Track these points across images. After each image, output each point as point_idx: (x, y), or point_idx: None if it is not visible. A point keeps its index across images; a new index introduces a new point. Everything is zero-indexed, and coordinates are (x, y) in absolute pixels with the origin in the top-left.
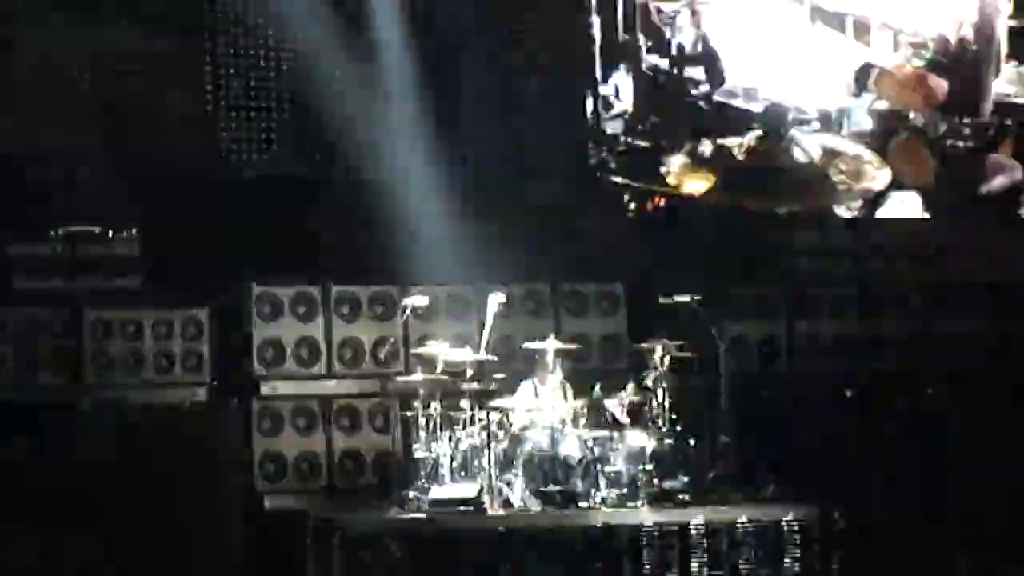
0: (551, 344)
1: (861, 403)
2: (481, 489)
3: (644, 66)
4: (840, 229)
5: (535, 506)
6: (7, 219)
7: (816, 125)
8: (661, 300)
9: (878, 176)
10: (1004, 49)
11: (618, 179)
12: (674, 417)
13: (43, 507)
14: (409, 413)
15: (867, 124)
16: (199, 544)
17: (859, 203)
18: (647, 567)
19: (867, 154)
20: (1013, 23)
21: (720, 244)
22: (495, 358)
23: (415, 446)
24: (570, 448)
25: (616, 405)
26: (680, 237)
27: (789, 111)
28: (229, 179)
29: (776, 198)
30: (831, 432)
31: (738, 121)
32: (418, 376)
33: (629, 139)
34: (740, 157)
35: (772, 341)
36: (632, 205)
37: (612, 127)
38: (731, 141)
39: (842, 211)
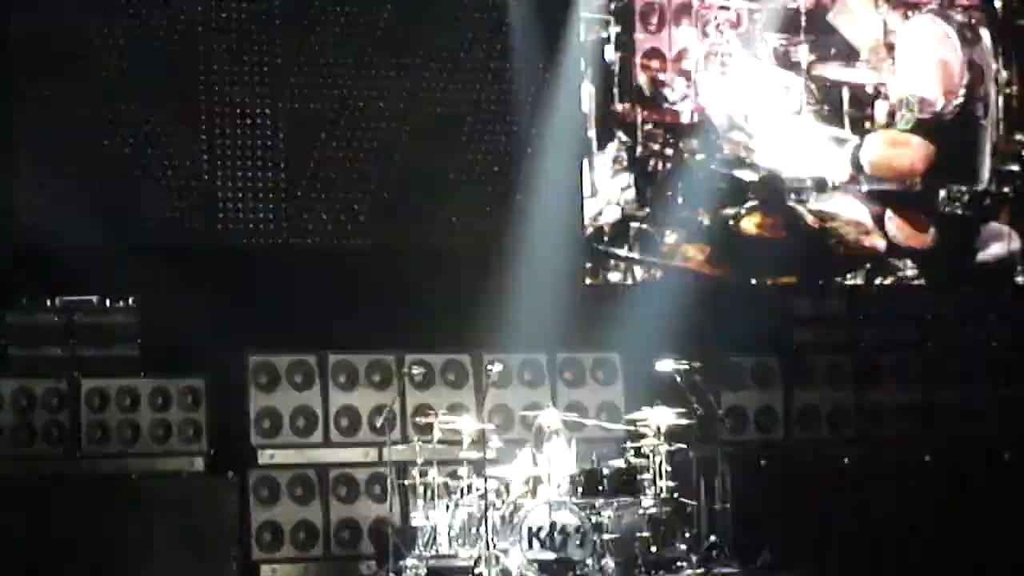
0: (549, 413)
1: (858, 472)
2: (479, 557)
3: (640, 134)
4: (838, 297)
5: (533, 574)
6: (3, 287)
7: (813, 194)
8: (658, 368)
9: (876, 243)
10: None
11: (615, 250)
12: (671, 485)
13: None
14: (407, 481)
15: (863, 191)
16: None
17: (857, 271)
18: None
19: (865, 219)
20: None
21: (718, 313)
22: (493, 427)
23: (412, 514)
24: (567, 516)
25: (614, 473)
26: (677, 307)
27: (785, 180)
28: (226, 249)
29: (774, 267)
30: (827, 501)
31: (735, 190)
32: (415, 444)
33: (625, 210)
34: (737, 227)
35: (769, 410)
36: (630, 275)
37: (608, 196)
38: (728, 211)
39: (840, 279)
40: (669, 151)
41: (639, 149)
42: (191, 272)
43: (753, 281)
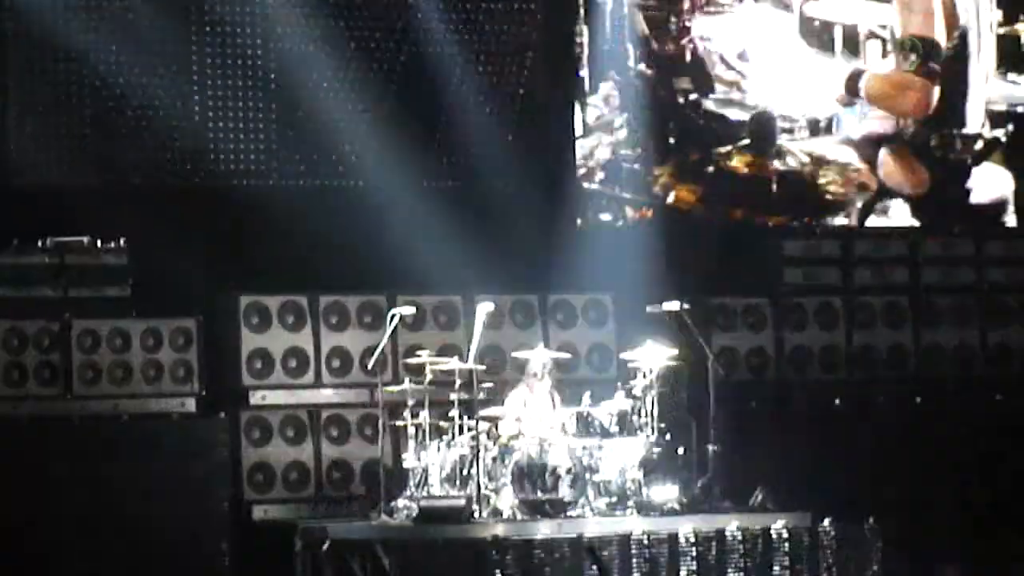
0: (540, 354)
1: (849, 412)
2: (470, 498)
3: (632, 75)
4: (829, 239)
5: (524, 515)
6: None
7: (804, 133)
8: (649, 309)
9: (868, 184)
10: (992, 56)
11: (606, 190)
12: (663, 426)
13: (30, 519)
14: (398, 423)
15: (857, 133)
16: (187, 555)
17: (848, 212)
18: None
19: (856, 162)
20: (1001, 31)
21: (708, 254)
22: (484, 368)
23: (404, 455)
24: (559, 457)
25: (604, 414)
26: (668, 247)
27: (777, 119)
28: (217, 189)
29: (764, 208)
30: (819, 441)
31: (726, 130)
32: (407, 386)
33: (616, 149)
34: (728, 166)
35: (760, 351)
36: (620, 215)
37: (599, 137)
38: (719, 151)
39: (831, 220)
40: (661, 91)
41: (631, 89)
42: (182, 213)
43: (744, 222)
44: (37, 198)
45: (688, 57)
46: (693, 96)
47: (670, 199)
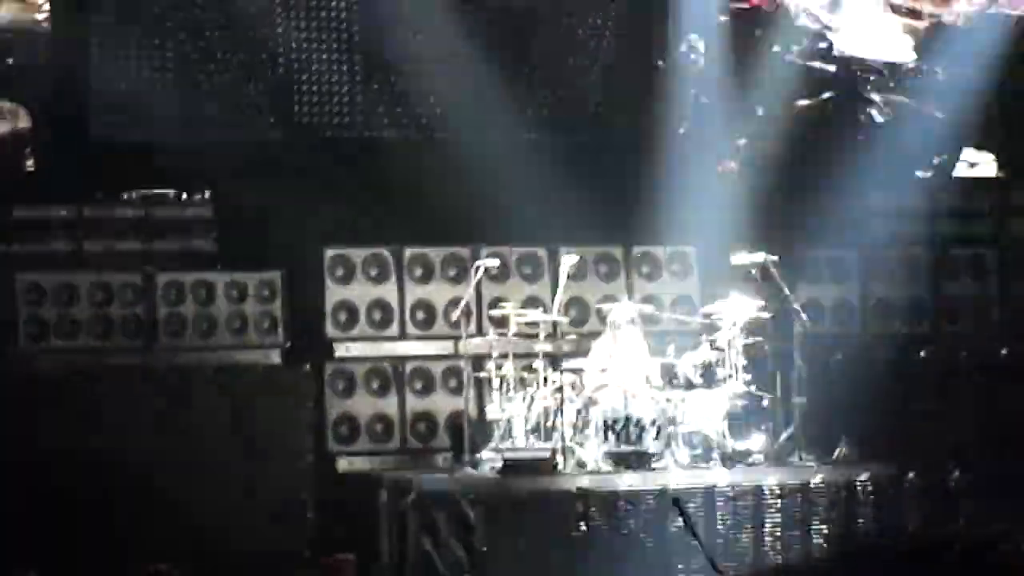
0: (624, 306)
1: (934, 365)
2: (555, 450)
3: (716, 25)
4: (914, 189)
5: (608, 467)
6: (79, 182)
7: (889, 83)
8: (734, 261)
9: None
10: None
11: (691, 141)
12: (747, 378)
13: (117, 472)
14: (482, 375)
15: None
16: (272, 506)
17: (931, 164)
18: (721, 528)
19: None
20: None
21: (793, 206)
22: (568, 319)
23: (488, 407)
24: (643, 409)
25: (689, 366)
26: (752, 198)
27: (860, 69)
28: (302, 141)
29: (850, 159)
30: (903, 394)
31: (813, 81)
32: (491, 337)
33: (704, 98)
34: (813, 117)
35: (845, 303)
36: (705, 166)
37: (688, 84)
38: (805, 102)
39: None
40: (745, 41)
41: (716, 39)
42: (267, 166)
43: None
44: (122, 151)
45: (773, 7)
46: (777, 48)
47: (754, 150)
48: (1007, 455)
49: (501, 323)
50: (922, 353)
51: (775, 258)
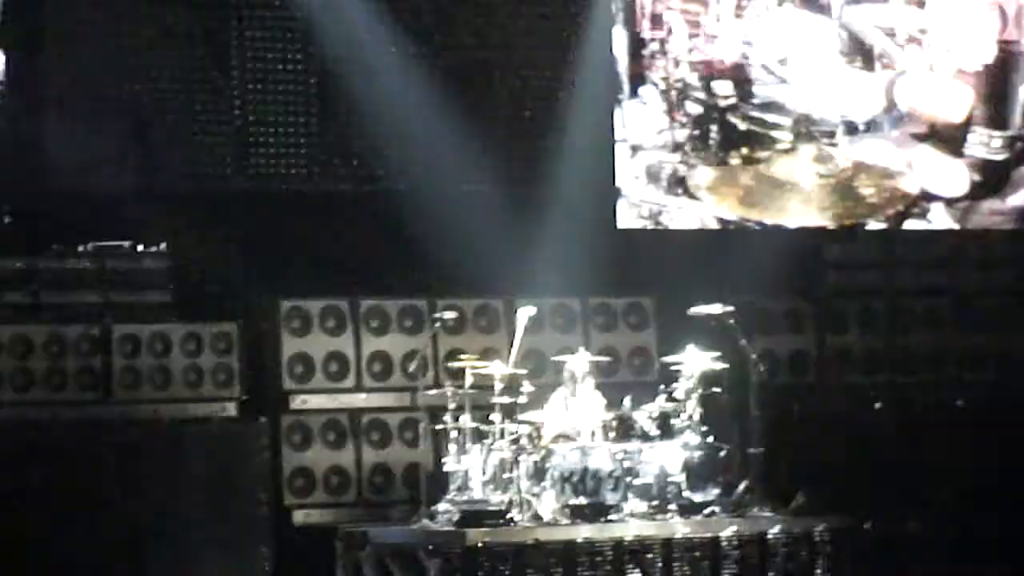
0: (581, 357)
1: (890, 416)
2: (511, 502)
3: (673, 79)
4: (869, 242)
5: (565, 519)
6: (35, 234)
7: (844, 138)
8: (691, 312)
9: (906, 188)
10: None
11: (647, 193)
12: (704, 429)
13: (70, 524)
14: (439, 426)
15: (894, 134)
16: (228, 560)
17: (888, 215)
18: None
19: (896, 165)
20: None
21: (750, 257)
22: (525, 372)
23: (444, 459)
24: (600, 461)
25: (646, 417)
26: (709, 251)
27: (817, 122)
28: (258, 193)
29: (805, 211)
30: (860, 444)
31: (766, 134)
32: (448, 389)
33: (657, 154)
34: (768, 171)
35: (802, 354)
36: (661, 219)
37: (640, 141)
38: (760, 154)
39: (871, 224)
40: (702, 95)
41: (673, 93)
42: (223, 217)
43: (785, 225)
44: (77, 202)
45: (728, 62)
46: (733, 100)
47: (711, 203)
48: (965, 506)
49: (458, 375)
50: (877, 405)
51: (731, 309)
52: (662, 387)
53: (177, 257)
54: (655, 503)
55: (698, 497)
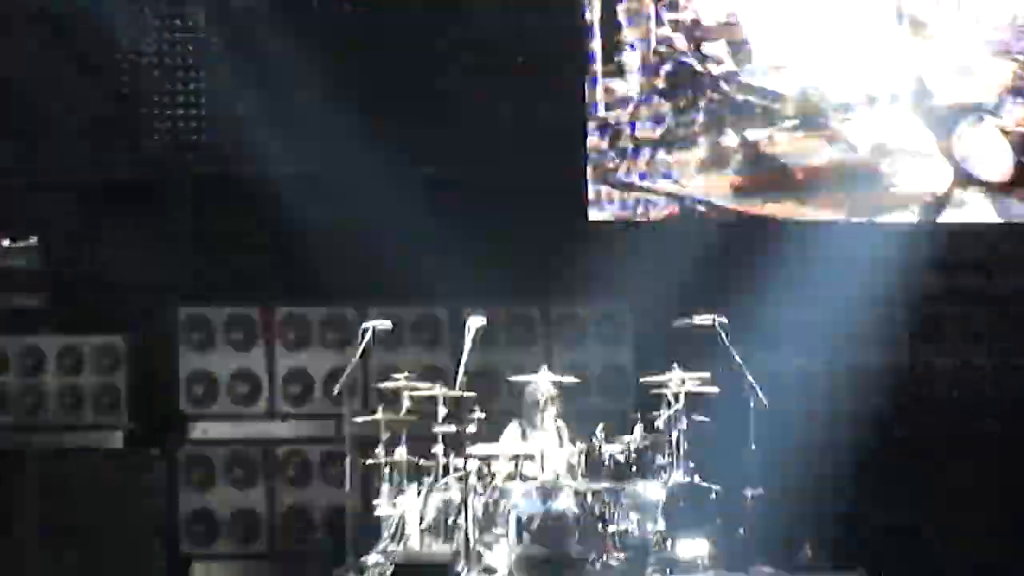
0: (542, 378)
1: (915, 442)
2: (457, 553)
3: (654, 40)
4: (894, 237)
5: (523, 574)
6: None
7: (863, 112)
8: (676, 324)
9: (940, 175)
10: None
11: (623, 180)
12: (692, 466)
13: None
14: (369, 461)
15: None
16: None
17: (916, 207)
18: None
19: (928, 146)
20: None
21: (747, 257)
22: (474, 395)
23: (376, 502)
24: (565, 504)
25: (621, 452)
26: (697, 249)
27: (829, 95)
28: (153, 182)
29: (814, 202)
30: (880, 483)
31: (767, 109)
32: (380, 416)
33: (635, 132)
34: (769, 152)
35: (810, 375)
36: (640, 211)
37: (615, 117)
38: (759, 133)
39: (895, 217)
40: (690, 60)
41: (653, 59)
42: (109, 209)
43: (788, 218)
44: None
45: (721, 20)
46: (727, 66)
47: (701, 191)
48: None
49: (393, 399)
50: (899, 431)
51: (724, 320)
52: (640, 415)
53: (52, 255)
54: (632, 556)
55: (684, 549)
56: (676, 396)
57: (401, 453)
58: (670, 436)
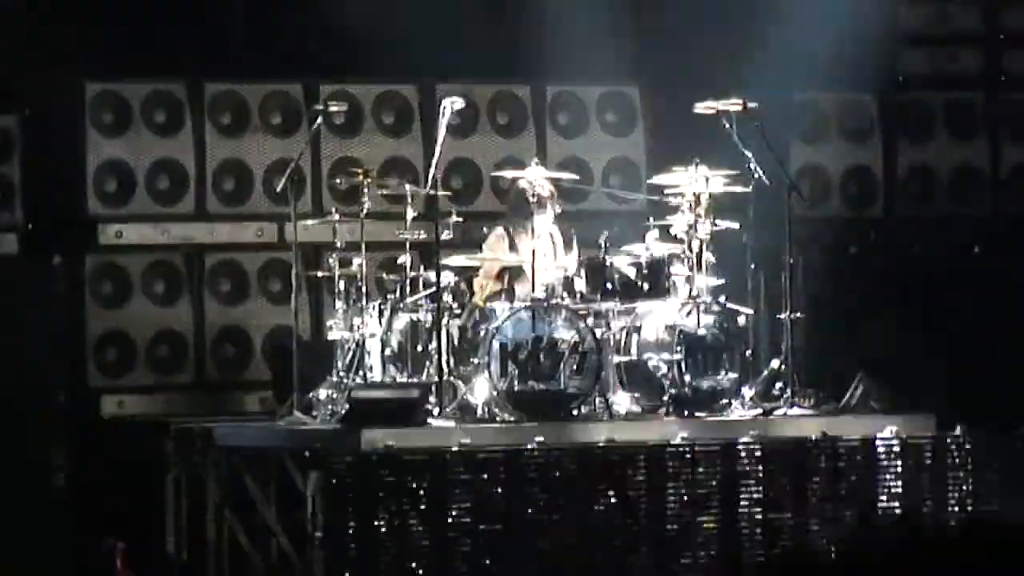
0: (534, 174)
1: (986, 264)
2: (427, 387)
3: None
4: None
5: (507, 414)
6: None
7: None
8: (698, 107)
9: None
10: None
11: None
12: (716, 284)
13: None
14: (320, 274)
15: None
16: (10, 464)
17: None
18: (674, 506)
19: None
20: None
21: (790, 23)
22: (449, 193)
23: (329, 323)
24: (560, 329)
25: (629, 265)
26: (729, 10)
27: None
28: None
29: None
30: (948, 310)
31: None
32: (334, 219)
33: None
34: None
35: (864, 173)
36: None
37: None
38: None
39: None
40: None
41: None
42: None
43: None
44: None
45: None
46: None
47: None
48: None
49: (350, 197)
50: (976, 248)
51: (756, 105)
52: (652, 219)
53: None
54: (642, 393)
55: (706, 385)
56: (698, 197)
57: (360, 264)
58: (690, 246)
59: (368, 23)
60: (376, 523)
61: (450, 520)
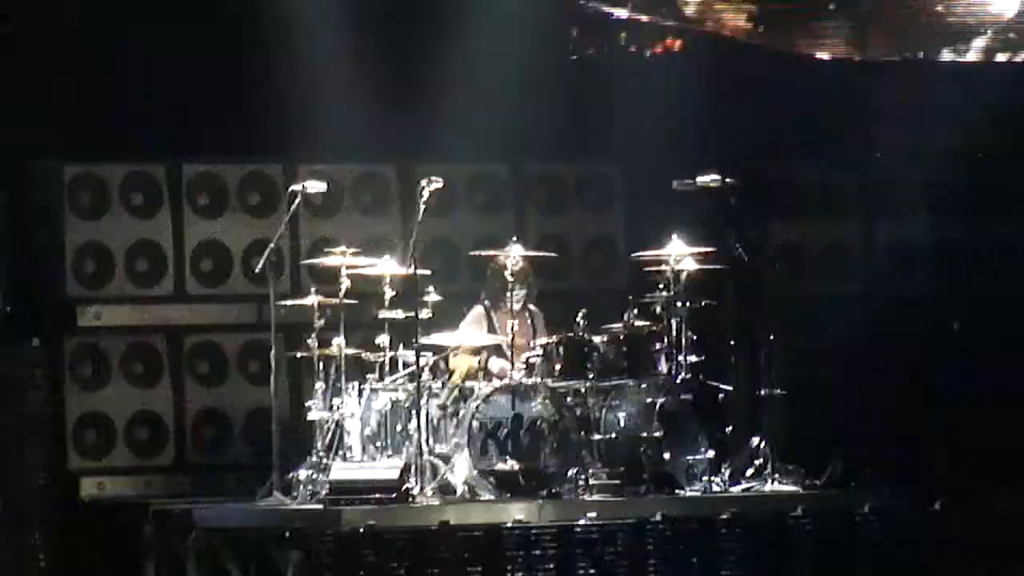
0: (512, 252)
1: (968, 337)
2: (407, 468)
3: None
4: (948, 81)
5: (487, 493)
6: None
7: None
8: (676, 185)
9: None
10: None
11: (613, 9)
12: (695, 360)
13: None
14: (300, 355)
15: None
16: None
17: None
18: None
19: None
20: None
21: (762, 101)
22: (428, 273)
23: (308, 404)
24: (540, 407)
25: (609, 343)
26: (702, 92)
27: None
28: (37, 10)
29: (851, 40)
30: (926, 387)
31: None
32: (313, 299)
33: None
34: None
35: (841, 250)
36: (633, 48)
37: None
38: None
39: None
40: None
41: None
42: None
43: (817, 54)
44: None
45: None
46: None
47: (709, 22)
48: None
49: (329, 278)
50: (955, 326)
51: (734, 182)
52: (633, 298)
53: None
54: (621, 471)
55: (684, 462)
56: (676, 275)
57: (338, 344)
58: (669, 324)
59: (347, 105)
60: None
61: None
